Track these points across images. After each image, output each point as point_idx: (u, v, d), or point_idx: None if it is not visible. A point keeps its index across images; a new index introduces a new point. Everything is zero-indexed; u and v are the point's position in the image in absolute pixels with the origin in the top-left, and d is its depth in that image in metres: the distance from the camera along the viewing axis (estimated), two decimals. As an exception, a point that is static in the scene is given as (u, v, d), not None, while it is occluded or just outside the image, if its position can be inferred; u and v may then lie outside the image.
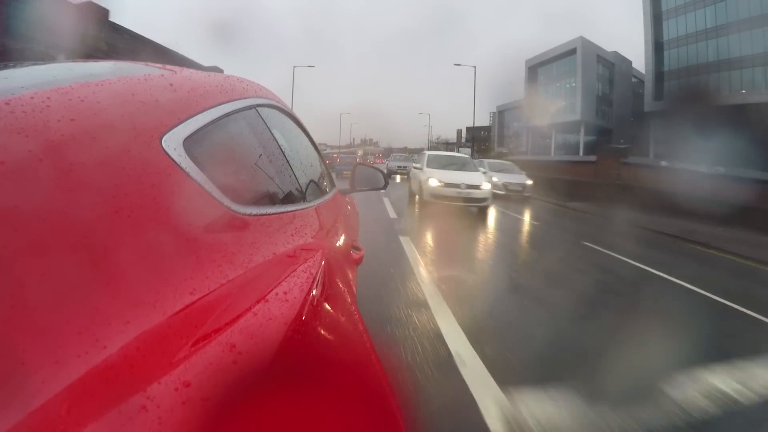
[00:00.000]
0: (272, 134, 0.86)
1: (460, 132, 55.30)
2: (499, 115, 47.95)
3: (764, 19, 19.97)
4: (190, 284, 0.39)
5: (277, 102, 1.02)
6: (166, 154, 0.46)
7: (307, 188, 1.01)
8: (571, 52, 33.99)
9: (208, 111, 0.58)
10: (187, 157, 0.48)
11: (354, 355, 0.49)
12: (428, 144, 50.93)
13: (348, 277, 0.96)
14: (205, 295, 0.40)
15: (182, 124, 0.51)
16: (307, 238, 0.72)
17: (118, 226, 0.37)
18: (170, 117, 0.50)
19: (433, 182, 7.33)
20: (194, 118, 0.54)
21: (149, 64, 0.68)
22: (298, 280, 0.48)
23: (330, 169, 1.69)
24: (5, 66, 0.58)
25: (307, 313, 0.43)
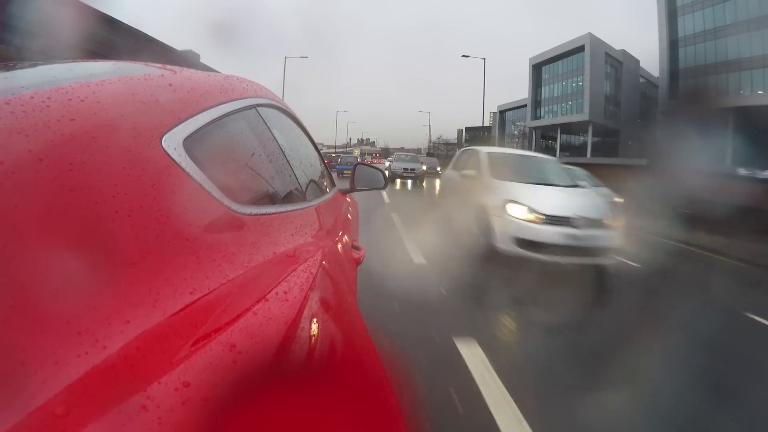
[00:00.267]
0: (272, 134, 0.86)
1: (461, 131, 55.06)
2: (501, 114, 47.64)
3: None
4: (190, 284, 0.39)
5: (277, 102, 1.02)
6: (166, 153, 0.46)
7: (307, 188, 1.01)
8: (579, 49, 33.28)
9: (208, 111, 0.58)
10: (187, 156, 0.48)
11: (354, 354, 0.49)
12: (429, 144, 50.57)
13: (348, 276, 0.96)
14: (205, 295, 0.40)
15: (182, 124, 0.51)
16: (307, 238, 0.72)
17: (118, 226, 0.37)
18: (170, 117, 0.50)
19: (520, 212, 3.65)
20: (194, 117, 0.54)
21: (149, 64, 0.68)
22: (298, 280, 0.48)
23: (330, 168, 1.68)
24: (5, 66, 0.58)
25: (307, 313, 0.43)
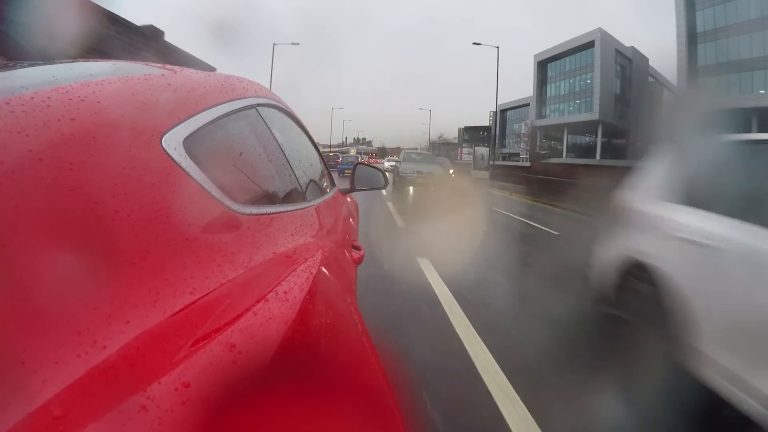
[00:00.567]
0: (272, 134, 0.86)
1: (462, 130, 54.72)
2: (501, 114, 47.04)
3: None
4: (190, 284, 0.39)
5: (277, 102, 1.02)
6: (166, 153, 0.46)
7: (307, 188, 1.01)
8: (589, 45, 31.93)
9: (208, 111, 0.58)
10: (187, 156, 0.48)
11: (354, 354, 0.49)
12: (428, 143, 50.12)
13: (348, 276, 0.96)
14: (205, 295, 0.40)
15: (182, 124, 0.51)
16: (307, 238, 0.72)
17: (118, 226, 0.37)
18: (170, 117, 0.50)
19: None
20: (194, 117, 0.54)
21: (149, 63, 0.68)
22: (298, 280, 0.48)
23: (331, 168, 1.69)
24: (5, 66, 0.58)
25: (307, 313, 0.43)
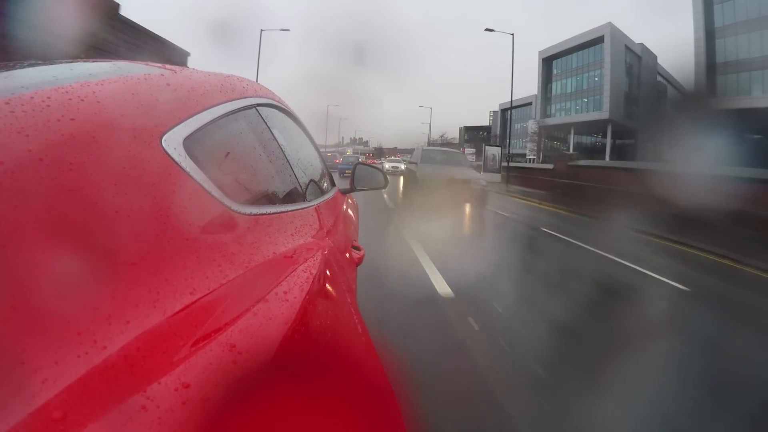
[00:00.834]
0: (272, 134, 0.86)
1: (462, 130, 54.43)
2: (502, 113, 45.81)
3: None
4: (190, 284, 0.39)
5: (278, 101, 1.02)
6: (166, 153, 0.46)
7: (307, 188, 1.01)
8: (598, 40, 30.53)
9: (208, 110, 0.58)
10: (187, 156, 0.48)
11: (354, 355, 0.49)
12: (428, 142, 49.74)
13: (348, 277, 0.96)
14: (205, 295, 0.40)
15: (182, 124, 0.51)
16: (307, 238, 0.72)
17: (118, 226, 0.37)
18: (170, 116, 0.50)
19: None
20: (194, 117, 0.54)
21: (149, 63, 0.68)
22: (298, 280, 0.48)
23: (332, 168, 1.71)
24: (5, 66, 0.58)
25: (307, 313, 0.43)
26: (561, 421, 1.58)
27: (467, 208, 7.36)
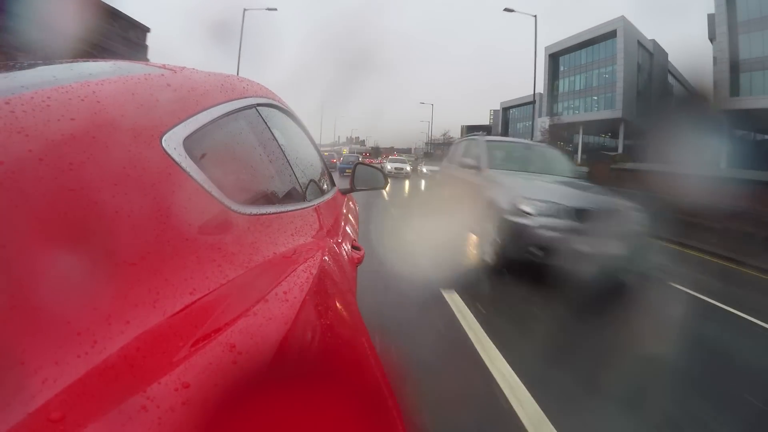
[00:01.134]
0: (272, 134, 0.86)
1: (464, 129, 54.10)
2: (504, 112, 44.70)
3: None
4: (190, 284, 0.39)
5: (278, 101, 1.02)
6: (166, 153, 0.46)
7: (307, 188, 1.01)
8: (610, 35, 28.75)
9: (208, 110, 0.58)
10: (187, 156, 0.48)
11: (353, 355, 0.49)
12: (429, 140, 49.25)
13: (348, 276, 0.96)
14: (205, 295, 0.40)
15: (182, 124, 0.51)
16: (307, 238, 0.72)
17: (118, 226, 0.37)
18: (170, 116, 0.50)
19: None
20: (194, 117, 0.54)
21: (149, 63, 0.68)
22: (298, 280, 0.48)
23: (331, 168, 1.71)
24: (5, 66, 0.58)
25: (307, 313, 0.43)
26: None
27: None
